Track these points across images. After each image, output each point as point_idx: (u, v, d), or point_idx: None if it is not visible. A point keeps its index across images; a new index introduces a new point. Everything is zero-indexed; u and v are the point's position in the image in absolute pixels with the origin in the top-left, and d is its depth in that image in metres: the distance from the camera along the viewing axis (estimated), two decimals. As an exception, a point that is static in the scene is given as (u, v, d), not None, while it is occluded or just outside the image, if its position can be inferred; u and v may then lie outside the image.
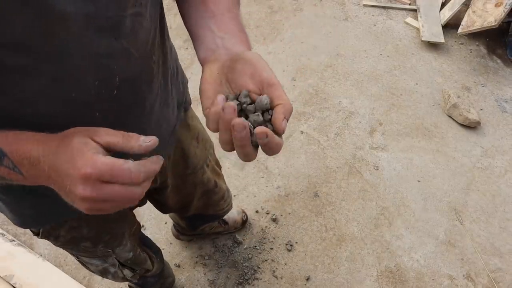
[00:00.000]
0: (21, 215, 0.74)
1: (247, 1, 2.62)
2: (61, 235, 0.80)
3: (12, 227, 1.67)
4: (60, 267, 1.56)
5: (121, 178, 0.45)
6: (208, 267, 1.60)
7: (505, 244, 1.67)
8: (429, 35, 2.35)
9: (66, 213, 0.75)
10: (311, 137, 1.98)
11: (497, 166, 1.90)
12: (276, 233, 1.68)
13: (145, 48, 0.60)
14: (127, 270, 1.06)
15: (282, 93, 0.49)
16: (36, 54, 0.47)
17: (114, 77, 0.56)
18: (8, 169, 0.48)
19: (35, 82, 0.49)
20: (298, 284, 1.56)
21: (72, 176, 0.45)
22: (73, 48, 0.49)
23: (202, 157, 1.03)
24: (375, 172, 1.86)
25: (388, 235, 1.68)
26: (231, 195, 1.32)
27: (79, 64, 0.51)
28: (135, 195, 0.47)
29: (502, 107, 2.11)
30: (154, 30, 0.63)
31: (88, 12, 0.47)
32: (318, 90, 2.17)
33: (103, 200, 0.46)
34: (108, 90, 0.56)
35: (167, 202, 1.05)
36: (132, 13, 0.54)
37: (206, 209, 1.21)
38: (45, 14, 0.44)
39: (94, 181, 0.44)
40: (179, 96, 0.84)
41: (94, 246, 0.88)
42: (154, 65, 0.65)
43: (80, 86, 0.53)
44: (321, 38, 2.42)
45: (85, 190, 0.44)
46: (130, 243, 1.00)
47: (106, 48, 0.52)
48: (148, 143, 0.48)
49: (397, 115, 2.07)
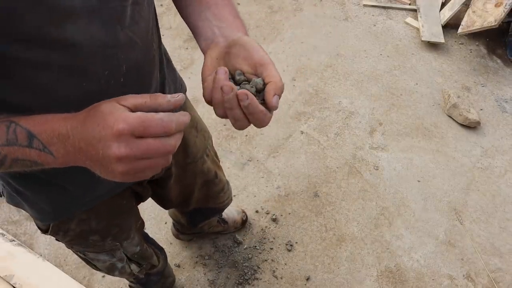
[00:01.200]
0: (40, 210, 0.75)
1: (247, 1, 2.62)
2: (71, 229, 0.81)
3: (12, 227, 1.67)
4: (60, 267, 1.56)
5: (153, 129, 0.45)
6: (208, 267, 1.60)
7: (505, 244, 1.67)
8: (429, 35, 2.35)
9: (80, 204, 0.78)
10: (311, 137, 1.98)
11: (497, 166, 1.90)
12: (276, 233, 1.68)
13: (146, 36, 0.63)
14: (134, 265, 1.07)
15: (274, 72, 0.52)
16: (47, 48, 0.49)
17: (121, 66, 0.59)
18: (39, 150, 0.48)
19: (47, 74, 0.51)
20: (298, 284, 1.56)
21: (104, 137, 0.44)
22: (82, 41, 0.51)
23: (201, 146, 1.04)
24: (375, 172, 1.86)
25: (388, 235, 1.68)
26: (231, 188, 1.32)
27: (88, 56, 0.53)
28: (170, 147, 0.47)
29: (502, 107, 2.11)
30: (152, 19, 0.67)
31: (93, 5, 0.50)
32: (318, 90, 2.17)
33: (139, 158, 0.45)
34: (116, 78, 0.59)
35: (170, 195, 1.05)
36: (132, 2, 0.57)
37: (206, 201, 1.22)
38: (55, 10, 0.46)
39: (128, 137, 0.44)
40: (175, 83, 0.87)
41: (103, 240, 0.89)
42: (154, 52, 0.69)
43: (90, 76, 0.56)
44: (321, 38, 2.42)
45: (119, 148, 0.44)
46: (137, 237, 1.01)
47: (113, 38, 0.55)
48: (176, 98, 0.49)
49: (397, 115, 2.07)
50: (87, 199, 0.77)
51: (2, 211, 1.72)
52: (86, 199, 0.77)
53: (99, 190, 0.78)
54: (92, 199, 0.78)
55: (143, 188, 0.95)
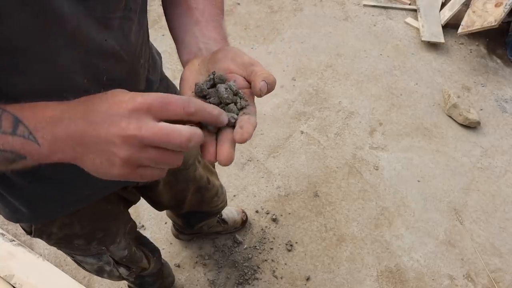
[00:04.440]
0: (16, 209, 0.73)
1: (247, 1, 2.62)
2: (54, 232, 0.80)
3: (12, 227, 1.67)
4: (60, 267, 1.56)
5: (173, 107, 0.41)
6: (208, 267, 1.60)
7: (505, 244, 1.67)
8: (429, 35, 2.35)
9: (58, 209, 0.75)
10: (311, 137, 1.98)
11: (497, 166, 1.90)
12: (276, 233, 1.68)
13: (134, 51, 0.61)
14: (123, 268, 1.06)
15: (265, 71, 0.50)
16: (30, 54, 0.47)
17: (102, 76, 0.56)
18: (23, 138, 0.42)
19: (27, 80, 0.49)
20: (298, 284, 1.56)
21: (113, 114, 0.40)
22: (66, 48, 0.49)
23: (192, 153, 1.03)
24: (375, 172, 1.86)
25: (388, 235, 1.68)
26: (225, 191, 1.32)
27: (70, 63, 0.51)
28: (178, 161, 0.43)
29: (502, 107, 2.11)
30: (143, 35, 0.65)
31: (79, 13, 0.48)
32: (318, 90, 2.17)
33: (148, 146, 0.41)
34: (96, 88, 0.56)
35: (161, 199, 1.05)
36: (121, 16, 0.55)
37: (200, 206, 1.22)
38: (42, 14, 0.44)
39: (143, 115, 0.40)
40: (167, 91, 0.86)
41: (88, 244, 0.87)
42: (140, 68, 0.66)
43: (70, 85, 0.53)
44: (321, 38, 2.42)
45: (129, 124, 0.40)
46: (125, 241, 0.99)
47: (97, 48, 0.53)
48: None
49: (397, 115, 2.07)
50: (65, 203, 0.74)
51: (2, 211, 1.72)
52: (65, 202, 0.74)
53: (77, 195, 0.74)
54: (70, 203, 0.75)
55: (129, 193, 0.94)
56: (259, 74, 0.49)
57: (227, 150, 0.46)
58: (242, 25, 2.49)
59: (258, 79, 0.48)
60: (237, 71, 0.52)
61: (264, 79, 0.48)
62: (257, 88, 0.48)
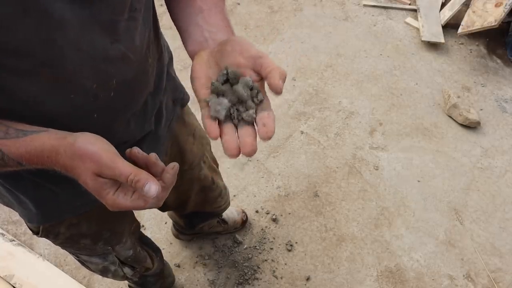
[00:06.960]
0: (28, 211, 0.74)
1: (247, 1, 2.62)
2: (61, 232, 0.80)
3: (12, 227, 1.67)
4: (60, 267, 1.56)
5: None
6: (208, 267, 1.60)
7: (505, 244, 1.67)
8: (429, 35, 2.35)
9: (69, 210, 0.76)
10: (311, 137, 1.98)
11: (497, 166, 1.90)
12: (276, 233, 1.68)
13: (140, 51, 0.61)
14: (127, 268, 1.07)
15: (273, 63, 0.51)
16: (36, 59, 0.47)
17: (111, 80, 0.57)
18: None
19: (35, 85, 0.50)
20: (298, 284, 1.56)
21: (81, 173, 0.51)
22: (71, 54, 0.50)
23: (198, 153, 1.03)
24: (375, 172, 1.86)
25: (388, 235, 1.68)
26: (228, 192, 1.32)
27: (77, 68, 0.52)
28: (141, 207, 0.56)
29: (502, 107, 2.11)
30: (149, 33, 0.65)
31: (84, 18, 0.48)
32: (318, 90, 2.17)
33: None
34: (105, 92, 0.57)
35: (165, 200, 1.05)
36: (127, 18, 0.55)
37: (203, 206, 1.22)
38: (45, 21, 0.45)
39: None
40: (174, 92, 0.86)
41: (94, 244, 0.88)
42: (149, 67, 0.67)
43: (79, 89, 0.54)
44: (321, 38, 2.42)
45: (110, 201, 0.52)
46: (130, 241, 1.00)
47: (103, 52, 0.53)
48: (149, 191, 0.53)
49: (397, 115, 2.07)
50: (77, 204, 0.76)
51: (2, 211, 1.72)
52: (76, 204, 0.75)
53: (88, 197, 0.77)
54: (82, 204, 0.76)
55: None
56: (273, 70, 0.49)
57: (250, 142, 0.49)
58: (242, 25, 2.49)
59: (275, 77, 0.48)
60: (246, 65, 0.53)
61: (280, 76, 0.49)
62: (278, 88, 0.48)
